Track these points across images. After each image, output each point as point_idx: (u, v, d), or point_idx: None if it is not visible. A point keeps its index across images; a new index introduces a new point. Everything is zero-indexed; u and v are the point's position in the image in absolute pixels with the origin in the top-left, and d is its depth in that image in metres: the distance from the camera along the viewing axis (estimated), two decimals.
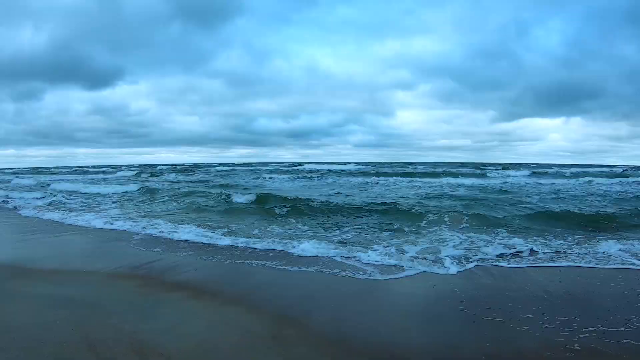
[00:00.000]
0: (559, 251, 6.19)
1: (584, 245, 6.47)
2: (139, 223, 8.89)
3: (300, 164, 57.13)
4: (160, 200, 13.83)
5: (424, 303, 4.24)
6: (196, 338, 3.29)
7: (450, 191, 16.27)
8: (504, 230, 7.79)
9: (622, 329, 3.43)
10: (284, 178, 26.64)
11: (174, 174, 35.02)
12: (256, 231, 8.01)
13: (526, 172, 30.62)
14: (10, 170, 53.29)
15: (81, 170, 50.21)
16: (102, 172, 42.31)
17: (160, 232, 7.96)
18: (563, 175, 28.44)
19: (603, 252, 6.00)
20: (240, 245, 6.78)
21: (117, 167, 58.81)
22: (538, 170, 35.42)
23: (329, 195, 15.03)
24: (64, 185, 20.32)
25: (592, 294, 4.35)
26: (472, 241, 6.89)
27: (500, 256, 5.94)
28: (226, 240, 7.07)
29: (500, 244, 6.67)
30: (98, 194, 16.27)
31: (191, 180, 26.65)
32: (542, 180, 22.93)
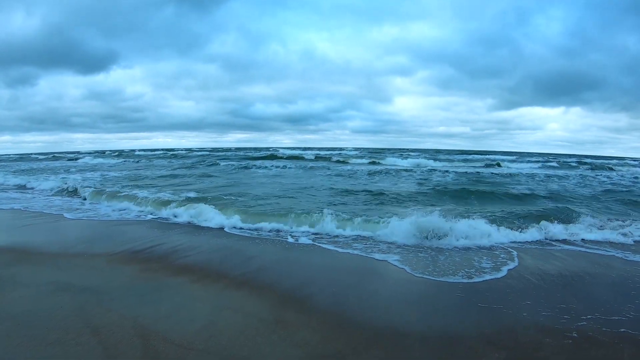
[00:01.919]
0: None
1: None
2: None
3: (271, 151, 55.85)
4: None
5: (421, 289, 4.31)
6: (199, 322, 3.32)
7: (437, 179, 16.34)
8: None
9: (618, 317, 3.52)
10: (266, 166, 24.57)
11: (162, 159, 35.30)
12: None
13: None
14: None
15: (54, 156, 49.12)
16: (72, 160, 40.23)
17: None
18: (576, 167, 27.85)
19: None
20: None
21: (113, 152, 59.16)
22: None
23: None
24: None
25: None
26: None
27: None
28: None
29: None
30: (33, 188, 14.66)
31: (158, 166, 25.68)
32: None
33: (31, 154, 66.90)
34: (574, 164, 29.74)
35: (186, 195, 10.40)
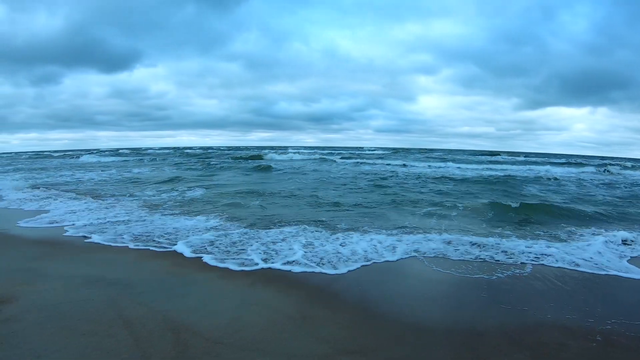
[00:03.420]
0: None
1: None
2: None
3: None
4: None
5: (446, 288, 4.35)
6: (227, 317, 3.41)
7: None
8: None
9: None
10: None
11: (176, 157, 36.05)
12: None
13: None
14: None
15: (64, 154, 50.32)
16: (74, 157, 40.87)
17: None
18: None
19: None
20: None
21: (130, 150, 60.28)
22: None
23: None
24: None
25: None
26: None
27: None
28: None
29: None
30: None
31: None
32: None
33: (44, 151, 68.63)
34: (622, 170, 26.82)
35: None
